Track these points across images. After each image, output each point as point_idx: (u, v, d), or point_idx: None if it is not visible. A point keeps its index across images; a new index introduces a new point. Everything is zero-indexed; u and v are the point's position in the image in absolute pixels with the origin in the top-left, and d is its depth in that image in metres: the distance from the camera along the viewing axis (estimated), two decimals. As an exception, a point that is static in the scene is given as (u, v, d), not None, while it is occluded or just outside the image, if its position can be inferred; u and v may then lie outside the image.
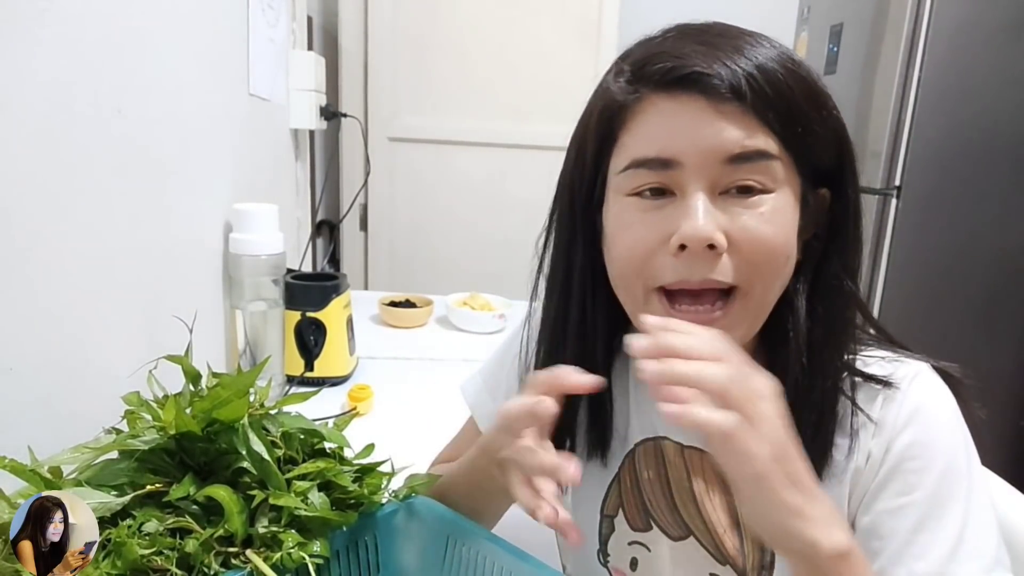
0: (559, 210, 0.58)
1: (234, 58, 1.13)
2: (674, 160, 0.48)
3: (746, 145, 0.47)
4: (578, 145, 0.55)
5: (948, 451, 0.52)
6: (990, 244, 1.90)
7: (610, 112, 0.51)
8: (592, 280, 0.56)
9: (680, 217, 0.48)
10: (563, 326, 0.58)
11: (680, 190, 0.49)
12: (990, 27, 1.80)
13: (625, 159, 0.51)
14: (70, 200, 0.64)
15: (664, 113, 0.49)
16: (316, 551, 0.48)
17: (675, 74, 0.47)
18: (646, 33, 0.54)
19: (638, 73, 0.50)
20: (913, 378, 0.54)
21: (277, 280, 1.06)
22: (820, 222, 0.53)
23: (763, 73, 0.47)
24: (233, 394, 0.50)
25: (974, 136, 1.85)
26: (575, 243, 0.56)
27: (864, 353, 0.55)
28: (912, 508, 0.51)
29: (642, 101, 0.50)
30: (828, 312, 0.53)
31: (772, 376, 0.44)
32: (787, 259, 0.50)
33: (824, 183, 0.53)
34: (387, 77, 2.09)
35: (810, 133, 0.49)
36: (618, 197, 0.52)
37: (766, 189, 0.48)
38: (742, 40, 0.49)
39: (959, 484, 0.51)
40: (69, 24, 0.63)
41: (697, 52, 0.47)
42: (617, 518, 0.63)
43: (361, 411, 1.03)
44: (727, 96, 0.46)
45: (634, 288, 0.52)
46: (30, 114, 0.58)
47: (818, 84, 0.50)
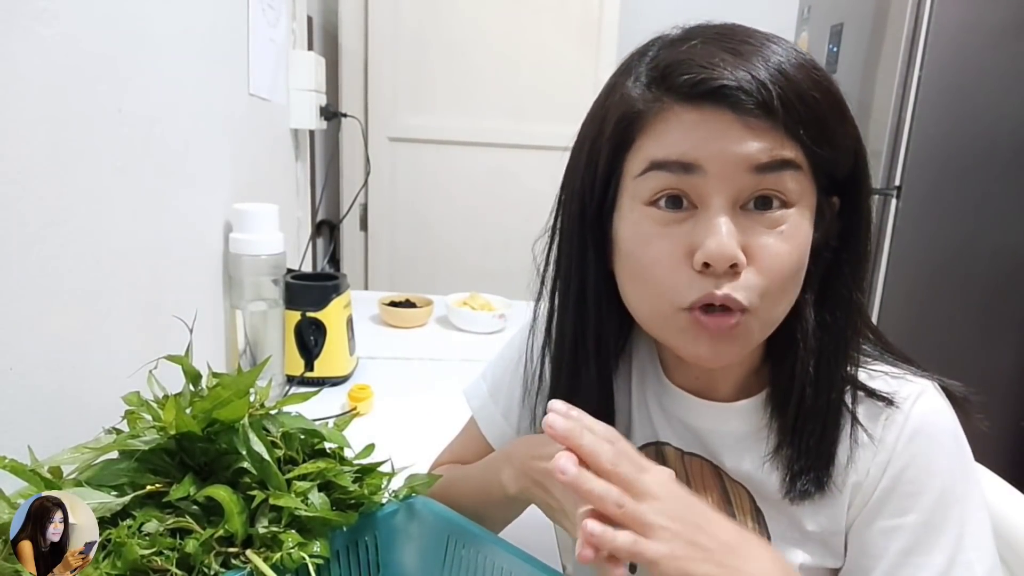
0: (566, 219, 0.56)
1: (234, 58, 1.13)
2: (696, 165, 0.46)
3: (773, 154, 0.46)
4: (589, 149, 0.53)
5: (945, 476, 0.52)
6: (990, 244, 1.90)
7: (628, 120, 0.49)
8: (607, 289, 0.55)
9: (703, 233, 0.46)
10: (583, 340, 0.56)
11: (701, 201, 0.47)
12: (990, 27, 1.80)
13: (643, 161, 0.49)
14: (70, 200, 0.64)
15: (688, 123, 0.47)
16: (316, 551, 0.48)
17: (703, 87, 0.45)
18: (663, 32, 0.52)
19: (661, 80, 0.48)
20: (916, 398, 0.53)
21: (277, 280, 1.06)
22: (832, 231, 0.52)
23: (792, 86, 0.45)
24: (233, 394, 0.50)
25: (974, 136, 1.85)
26: (586, 253, 0.54)
27: (869, 366, 0.55)
28: (904, 531, 0.52)
29: (664, 110, 0.47)
30: (836, 322, 0.52)
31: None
32: (798, 276, 0.49)
33: (837, 191, 0.52)
34: (387, 77, 2.09)
35: (834, 145, 0.48)
36: (634, 205, 0.50)
37: (787, 202, 0.47)
38: (768, 47, 0.47)
39: (953, 511, 0.51)
40: (69, 24, 0.62)
41: (725, 62, 0.45)
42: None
43: (361, 411, 1.03)
44: (756, 111, 0.45)
45: (656, 305, 0.50)
46: (30, 114, 0.58)
47: (839, 91, 0.49)
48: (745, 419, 0.57)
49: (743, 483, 0.57)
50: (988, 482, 0.70)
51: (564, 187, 0.56)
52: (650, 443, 0.61)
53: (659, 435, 0.61)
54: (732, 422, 0.57)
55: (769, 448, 0.55)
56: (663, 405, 0.60)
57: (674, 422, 0.60)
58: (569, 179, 0.55)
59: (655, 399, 0.61)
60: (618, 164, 0.51)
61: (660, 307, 0.50)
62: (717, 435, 0.58)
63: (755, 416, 0.56)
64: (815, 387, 0.52)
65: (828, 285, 0.53)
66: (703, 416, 0.58)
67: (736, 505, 0.58)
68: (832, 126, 0.47)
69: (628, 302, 0.53)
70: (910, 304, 1.93)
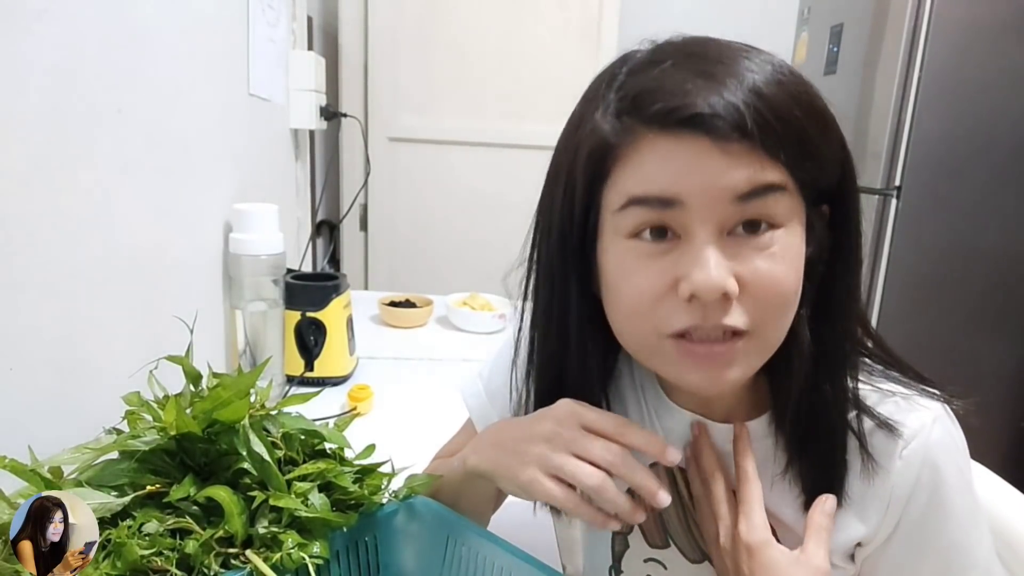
0: (547, 248, 0.54)
1: (234, 58, 1.13)
2: (677, 199, 0.44)
3: (755, 181, 0.44)
4: (565, 183, 0.50)
5: (957, 516, 0.52)
6: (990, 244, 1.90)
7: (601, 153, 0.47)
8: (589, 312, 0.53)
9: (689, 264, 0.44)
10: (562, 361, 0.55)
11: (684, 231, 0.45)
12: (990, 27, 1.80)
13: (621, 196, 0.46)
14: (70, 200, 0.64)
15: (663, 153, 0.44)
16: (316, 552, 0.48)
17: (677, 116, 0.43)
18: (629, 51, 0.49)
19: (632, 110, 0.45)
20: (930, 429, 0.52)
21: (277, 280, 1.06)
22: (824, 243, 0.51)
23: (769, 105, 0.43)
24: (234, 395, 0.50)
25: (974, 136, 1.85)
26: (569, 283, 0.53)
27: (877, 383, 0.54)
28: (910, 569, 0.53)
29: (637, 140, 0.45)
30: (833, 335, 0.51)
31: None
32: (795, 295, 0.48)
33: (824, 199, 0.50)
34: (387, 77, 2.09)
35: (817, 158, 0.46)
36: (616, 239, 0.48)
37: (775, 224, 0.45)
38: (741, 64, 0.44)
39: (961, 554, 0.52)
40: (69, 24, 0.62)
41: (698, 88, 0.43)
42: (632, 535, 0.62)
43: (361, 411, 1.03)
44: (733, 135, 0.42)
45: (644, 335, 0.49)
46: (30, 114, 0.58)
47: (821, 101, 0.47)
48: (751, 439, 0.55)
49: None
50: (988, 482, 0.70)
51: (540, 215, 0.54)
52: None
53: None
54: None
55: (777, 470, 0.54)
56: (666, 425, 0.59)
57: (680, 443, 0.58)
58: (545, 208, 0.53)
59: (658, 419, 0.60)
60: (595, 196, 0.49)
61: (647, 337, 0.49)
62: (725, 455, 0.57)
63: (761, 435, 0.55)
64: (817, 401, 0.51)
65: (823, 298, 0.51)
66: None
67: None
68: (814, 141, 0.45)
69: (617, 333, 0.52)
70: (910, 304, 1.93)
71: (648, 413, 0.61)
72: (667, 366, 0.50)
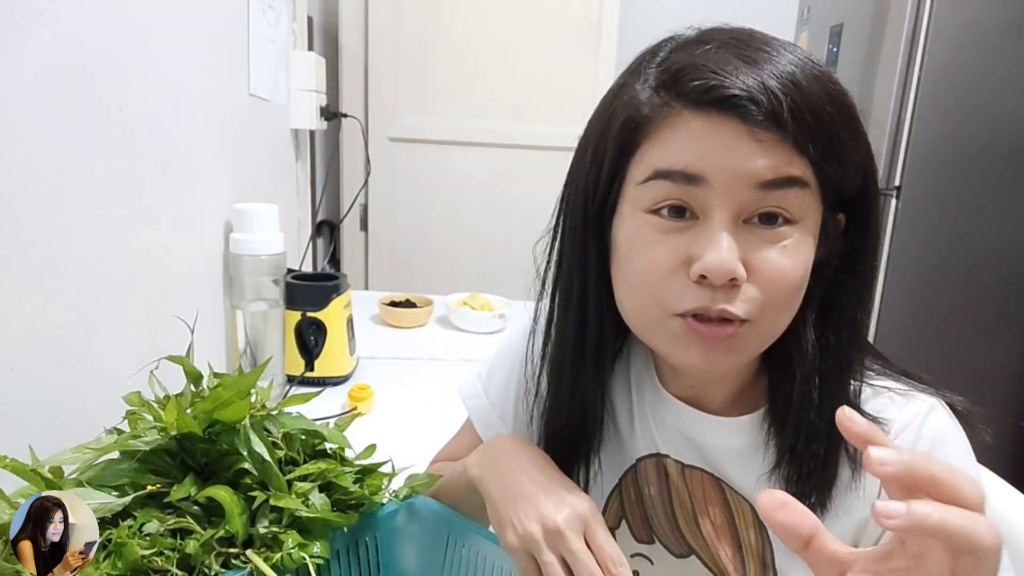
0: (569, 218, 0.54)
1: (234, 58, 1.13)
2: (701, 177, 0.45)
3: (780, 172, 0.44)
4: (594, 150, 0.51)
5: None
6: (990, 244, 1.90)
7: (634, 123, 0.48)
8: (608, 291, 0.54)
9: (703, 245, 0.45)
10: (582, 340, 0.55)
11: (703, 212, 0.46)
12: (990, 27, 1.80)
13: (647, 169, 0.47)
14: (70, 200, 0.64)
15: (695, 131, 0.45)
16: (316, 552, 0.48)
17: (714, 94, 0.44)
18: (676, 32, 0.50)
19: (671, 84, 0.46)
20: (926, 417, 0.52)
21: (277, 280, 1.06)
22: (835, 250, 0.51)
23: (804, 98, 0.44)
24: (234, 395, 0.50)
25: (974, 136, 1.85)
26: (587, 254, 0.53)
27: (873, 381, 0.54)
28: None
29: (671, 116, 0.46)
30: (838, 342, 0.51)
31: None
32: (800, 292, 0.48)
33: (844, 208, 0.51)
34: (387, 77, 2.09)
35: (843, 159, 0.46)
36: (635, 212, 0.49)
37: (791, 219, 0.46)
38: (783, 56, 0.45)
39: None
40: (69, 24, 0.62)
41: (738, 70, 0.44)
42: (619, 530, 0.63)
43: (361, 411, 1.03)
44: (765, 123, 0.43)
45: (649, 310, 0.49)
46: (30, 114, 0.58)
47: (855, 108, 0.47)
48: (743, 435, 0.56)
49: (746, 497, 0.57)
50: (988, 482, 0.70)
51: (568, 184, 0.55)
52: (651, 455, 0.60)
53: (660, 447, 0.60)
54: (729, 437, 0.56)
55: (767, 466, 0.54)
56: (660, 415, 0.60)
57: (673, 433, 0.59)
58: (573, 176, 0.54)
59: (652, 409, 0.60)
60: (621, 168, 0.50)
61: (653, 312, 0.49)
62: (715, 449, 0.57)
63: (753, 432, 0.55)
64: (814, 407, 0.51)
65: (830, 305, 0.51)
66: (699, 429, 0.58)
67: (739, 519, 0.57)
68: (843, 142, 0.46)
69: (622, 307, 0.53)
70: (910, 304, 1.93)
71: (643, 404, 0.61)
72: (669, 344, 0.50)
